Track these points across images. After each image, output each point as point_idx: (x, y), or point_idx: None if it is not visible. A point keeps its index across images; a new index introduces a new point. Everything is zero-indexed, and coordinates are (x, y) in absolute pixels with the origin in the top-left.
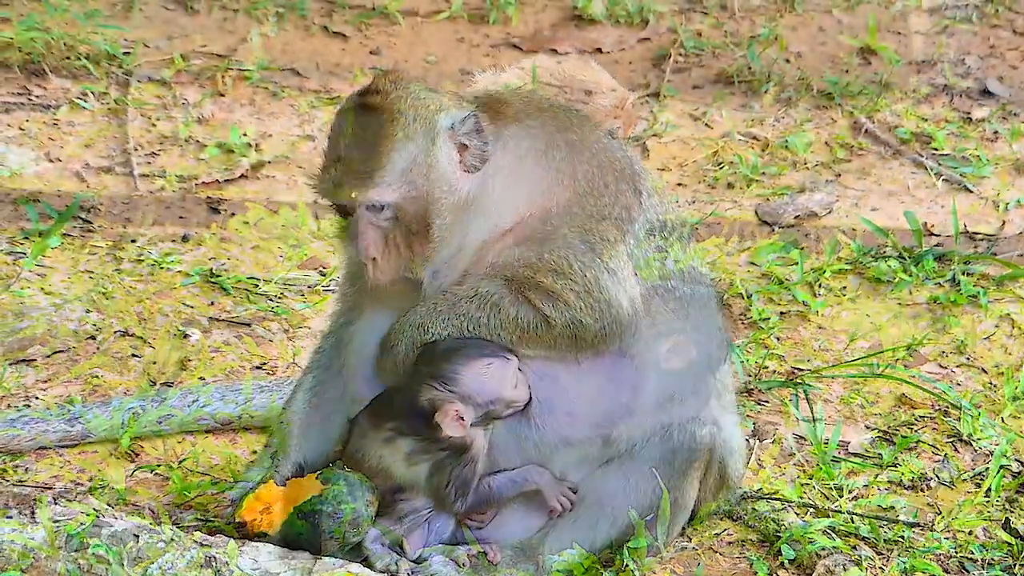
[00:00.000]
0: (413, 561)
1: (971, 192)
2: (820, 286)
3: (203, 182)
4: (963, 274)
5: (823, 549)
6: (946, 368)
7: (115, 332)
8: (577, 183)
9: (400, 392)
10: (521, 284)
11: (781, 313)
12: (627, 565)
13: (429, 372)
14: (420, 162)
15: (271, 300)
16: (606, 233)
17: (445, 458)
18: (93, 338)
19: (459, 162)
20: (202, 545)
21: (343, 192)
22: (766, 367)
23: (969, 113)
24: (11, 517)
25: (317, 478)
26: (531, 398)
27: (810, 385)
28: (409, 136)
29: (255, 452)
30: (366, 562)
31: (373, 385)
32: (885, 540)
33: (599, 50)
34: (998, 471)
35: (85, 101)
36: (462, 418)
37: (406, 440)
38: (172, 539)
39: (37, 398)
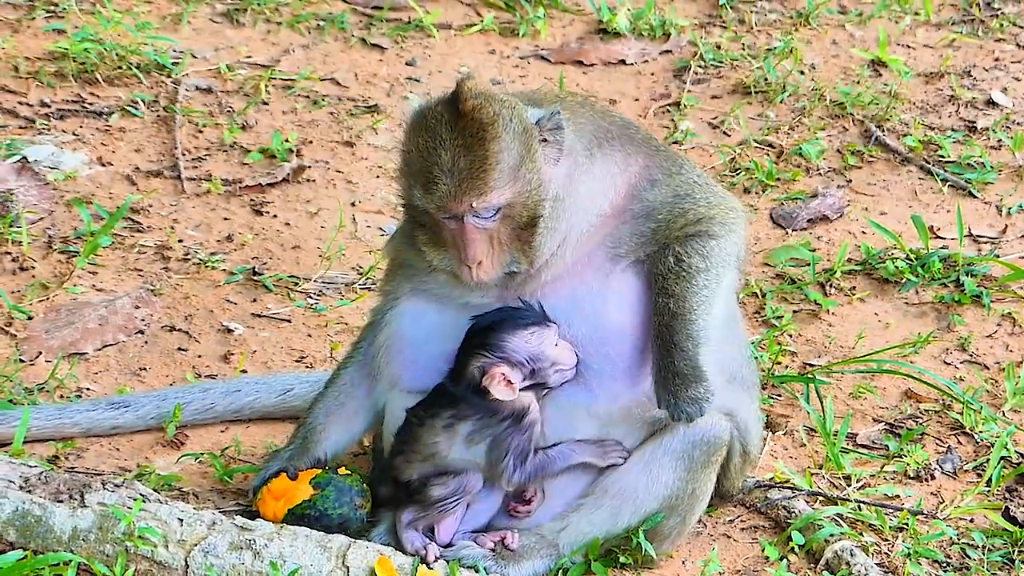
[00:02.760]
0: (443, 546)
1: (975, 197)
2: (831, 286)
3: (247, 186)
4: (967, 275)
5: (831, 535)
6: (950, 364)
7: (162, 327)
8: (639, 147)
9: (452, 369)
10: (670, 239)
11: (794, 312)
12: (644, 550)
13: (475, 344)
14: (523, 161)
15: (310, 298)
16: (686, 169)
17: (503, 430)
18: (141, 332)
19: (545, 155)
20: (242, 529)
21: (460, 201)
22: (779, 362)
23: (974, 122)
24: (62, 501)
25: (310, 482)
26: (579, 362)
27: (821, 380)
28: (512, 137)
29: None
30: (398, 545)
31: (418, 371)
32: (890, 527)
33: (623, 62)
34: (998, 462)
35: (136, 108)
36: (510, 381)
37: (465, 423)
38: (214, 523)
39: (89, 389)
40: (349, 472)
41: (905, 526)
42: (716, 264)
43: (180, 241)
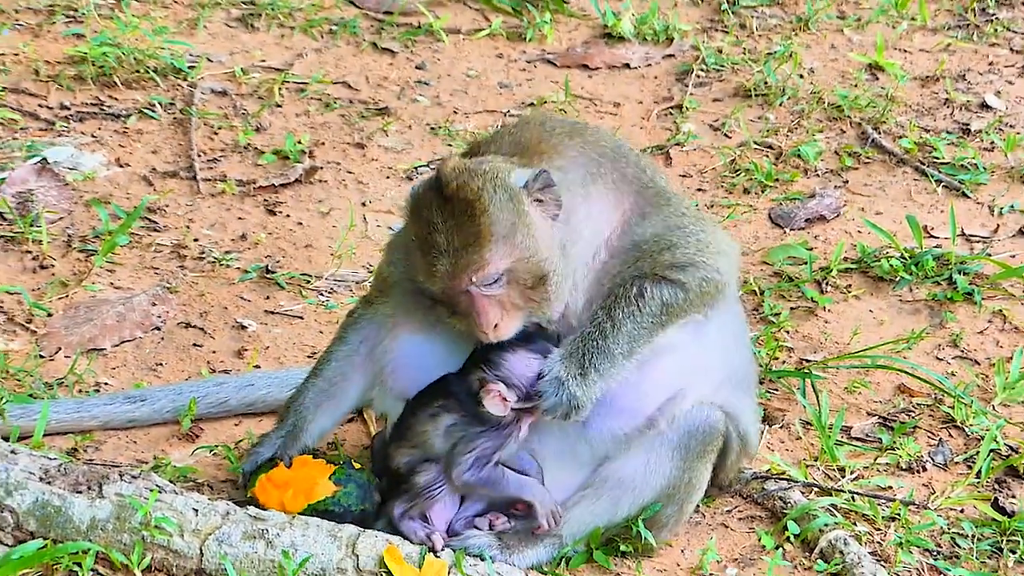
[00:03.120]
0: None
1: (968, 198)
2: (827, 284)
3: (260, 186)
4: (960, 273)
5: (826, 525)
6: (942, 360)
7: (178, 323)
8: (630, 184)
9: (457, 376)
10: (647, 272)
11: (791, 308)
12: (644, 538)
13: (481, 356)
14: (516, 227)
15: (322, 295)
16: (674, 202)
17: (479, 432)
18: (158, 329)
19: (541, 213)
20: (255, 519)
21: (460, 279)
22: (777, 358)
23: (968, 125)
24: (81, 492)
25: (330, 478)
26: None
27: (817, 375)
28: (499, 208)
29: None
30: (400, 535)
31: (421, 383)
32: (883, 517)
33: (627, 66)
34: (988, 455)
35: (153, 111)
36: (505, 399)
37: (449, 415)
38: (228, 513)
39: (106, 384)
40: (361, 467)
41: (897, 516)
42: (671, 314)
43: (195, 240)
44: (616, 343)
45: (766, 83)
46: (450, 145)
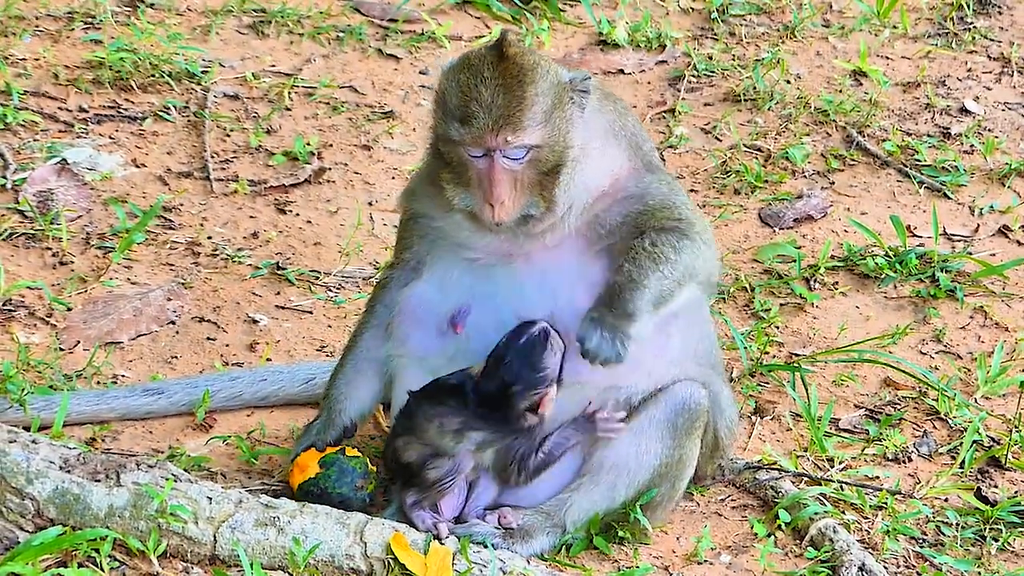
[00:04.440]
0: (451, 521)
1: (950, 199)
2: (815, 281)
3: (271, 186)
4: (942, 271)
5: (816, 514)
6: (926, 354)
7: (192, 318)
8: (636, 151)
9: (494, 406)
10: (651, 225)
11: (781, 305)
12: (642, 524)
13: (525, 385)
14: (555, 108)
15: (331, 291)
16: (676, 185)
17: (512, 440)
18: (173, 323)
19: (575, 109)
20: (267, 507)
21: (493, 136)
22: (767, 352)
23: (948, 129)
24: (99, 480)
25: (319, 461)
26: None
27: (806, 368)
28: (548, 85)
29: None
30: (410, 524)
31: (426, 334)
32: (871, 506)
33: (622, 71)
34: (971, 446)
35: (168, 114)
36: (551, 398)
37: (477, 433)
38: (240, 501)
39: (124, 376)
40: (357, 453)
41: (884, 505)
42: (684, 263)
43: (209, 238)
44: (645, 281)
45: (755, 88)
46: None
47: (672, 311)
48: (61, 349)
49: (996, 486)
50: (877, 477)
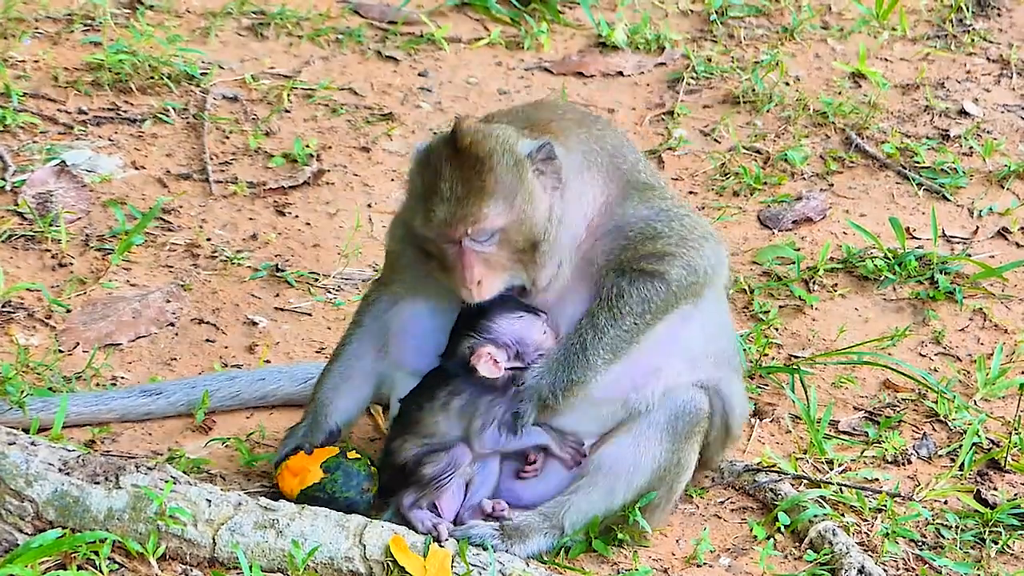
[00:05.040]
0: (451, 522)
1: (949, 201)
2: (814, 283)
3: (270, 188)
4: (941, 273)
5: (815, 516)
6: (925, 356)
7: (191, 320)
8: (622, 174)
9: (446, 348)
10: (626, 267)
11: (780, 307)
12: (641, 527)
13: (466, 325)
14: (517, 191)
15: (329, 293)
16: (660, 192)
17: (491, 399)
18: (172, 325)
19: (540, 183)
20: (266, 509)
21: (456, 228)
22: (766, 354)
23: (947, 131)
24: (98, 483)
25: (322, 465)
26: None
27: (805, 371)
28: (505, 169)
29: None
30: (409, 526)
31: (422, 355)
32: (870, 508)
33: (621, 73)
34: (970, 448)
35: (167, 116)
36: (496, 360)
37: (459, 398)
38: (240, 503)
39: (123, 378)
40: (359, 456)
41: (884, 507)
42: (654, 311)
43: (208, 240)
44: (596, 352)
45: (754, 90)
46: None
47: (685, 312)
48: (60, 351)
49: (996, 488)
50: (876, 479)
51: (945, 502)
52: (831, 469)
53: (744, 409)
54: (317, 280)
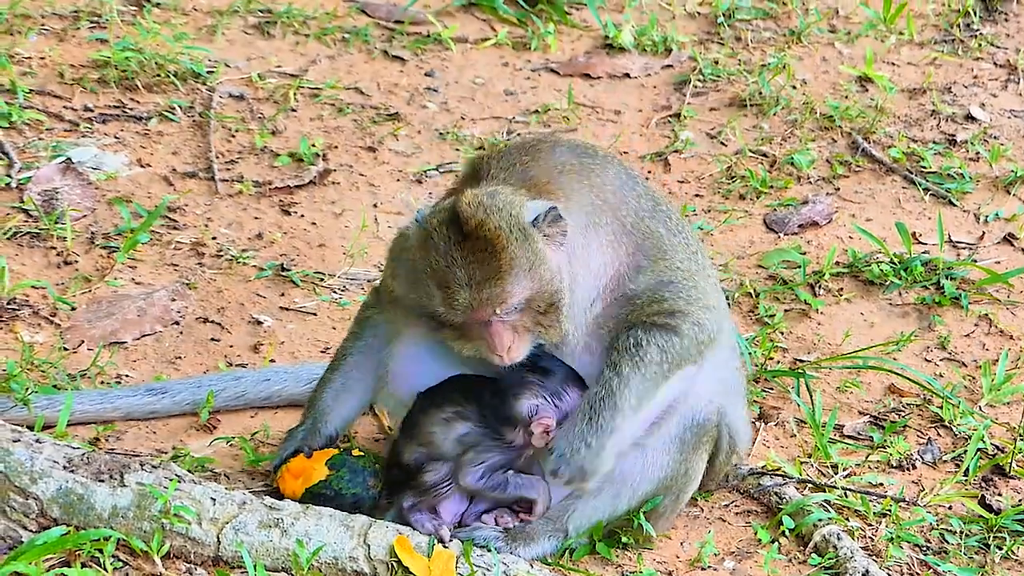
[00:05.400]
0: (452, 525)
1: (955, 206)
2: (820, 287)
3: (276, 187)
4: (947, 278)
5: (820, 520)
6: (931, 362)
7: (196, 318)
8: (629, 235)
9: (499, 388)
10: (638, 322)
11: (785, 311)
12: (646, 531)
13: (541, 383)
14: (531, 260)
15: (335, 292)
16: (669, 255)
17: (492, 445)
18: (177, 323)
19: (549, 245)
20: (270, 508)
21: (483, 311)
22: (771, 358)
23: (954, 136)
24: (103, 480)
25: (326, 463)
26: None
27: (810, 375)
28: (517, 244)
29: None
30: (408, 526)
31: (421, 383)
32: (874, 513)
33: (627, 75)
34: (975, 454)
35: (173, 114)
36: (549, 433)
37: (464, 424)
38: (244, 502)
39: (128, 376)
40: (362, 453)
41: (888, 512)
42: (671, 361)
43: (214, 238)
44: (624, 398)
45: (760, 93)
46: (457, 150)
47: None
48: (65, 349)
49: (1000, 494)
50: (881, 484)
51: (949, 507)
52: (836, 473)
53: (748, 436)
54: (322, 280)
